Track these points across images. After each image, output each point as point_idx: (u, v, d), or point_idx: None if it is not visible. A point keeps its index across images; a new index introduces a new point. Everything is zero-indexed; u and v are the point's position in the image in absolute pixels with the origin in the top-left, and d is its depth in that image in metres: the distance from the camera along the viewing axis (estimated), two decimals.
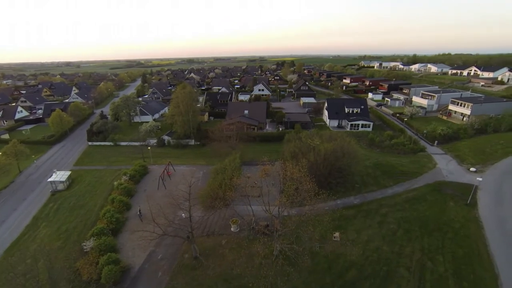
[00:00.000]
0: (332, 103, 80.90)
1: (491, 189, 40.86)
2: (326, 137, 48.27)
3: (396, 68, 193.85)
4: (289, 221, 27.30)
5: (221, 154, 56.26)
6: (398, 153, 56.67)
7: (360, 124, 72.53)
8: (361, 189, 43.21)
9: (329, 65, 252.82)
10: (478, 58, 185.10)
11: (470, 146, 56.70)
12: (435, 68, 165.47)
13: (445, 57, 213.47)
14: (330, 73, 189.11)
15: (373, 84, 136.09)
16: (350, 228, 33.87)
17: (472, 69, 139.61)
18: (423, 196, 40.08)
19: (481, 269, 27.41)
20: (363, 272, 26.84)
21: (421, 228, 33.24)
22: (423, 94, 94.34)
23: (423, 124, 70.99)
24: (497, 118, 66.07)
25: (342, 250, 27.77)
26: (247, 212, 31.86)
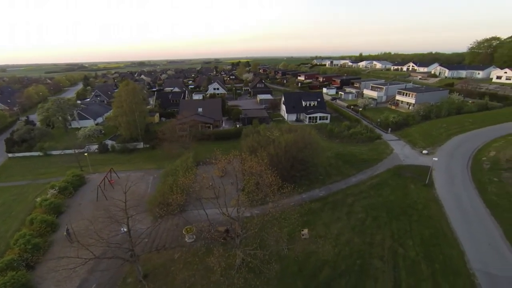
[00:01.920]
0: (289, 97, 79.75)
1: (443, 169, 42.37)
2: (285, 129, 45.78)
3: (346, 65, 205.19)
4: (252, 223, 23.45)
5: (174, 156, 50.38)
6: (357, 142, 57.05)
7: (318, 117, 72.33)
8: (326, 181, 41.47)
9: (284, 64, 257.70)
10: (413, 56, 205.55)
11: (419, 131, 59.75)
12: (380, 64, 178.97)
13: (387, 55, 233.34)
14: (285, 71, 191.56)
15: (327, 80, 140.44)
16: (318, 222, 31.33)
17: (410, 65, 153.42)
18: (386, 181, 39.76)
19: (448, 247, 26.92)
20: (337, 270, 24.19)
21: (388, 214, 32.22)
22: (373, 87, 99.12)
23: (376, 114, 73.63)
24: (437, 105, 71.44)
25: (313, 248, 24.84)
26: (204, 217, 27.21)
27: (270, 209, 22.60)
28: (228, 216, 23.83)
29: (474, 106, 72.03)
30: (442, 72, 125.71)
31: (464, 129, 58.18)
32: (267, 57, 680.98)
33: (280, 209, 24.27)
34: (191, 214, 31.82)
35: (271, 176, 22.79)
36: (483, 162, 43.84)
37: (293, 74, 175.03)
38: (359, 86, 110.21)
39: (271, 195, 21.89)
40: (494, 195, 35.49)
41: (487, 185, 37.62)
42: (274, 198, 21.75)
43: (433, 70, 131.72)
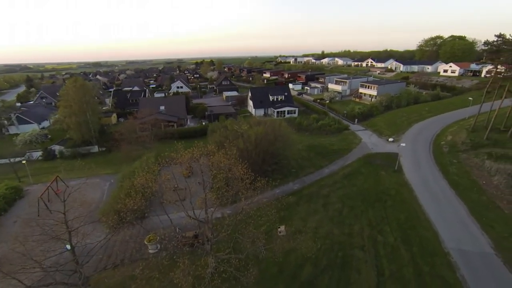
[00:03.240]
0: (256, 92, 77.92)
1: (408, 154, 43.56)
2: (254, 122, 43.52)
3: (310, 62, 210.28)
4: (223, 225, 20.74)
5: (134, 158, 45.42)
6: (326, 134, 57.07)
7: (286, 111, 71.48)
8: (299, 173, 40.10)
9: (249, 62, 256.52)
10: (371, 53, 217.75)
11: (383, 120, 61.74)
12: (341, 61, 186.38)
13: (347, 53, 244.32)
14: (251, 69, 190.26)
15: (292, 76, 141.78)
16: (295, 217, 29.57)
17: (369, 61, 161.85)
18: (358, 170, 39.56)
19: (423, 230, 26.93)
20: (319, 265, 22.51)
21: (364, 202, 31.64)
22: (337, 81, 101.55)
23: (341, 106, 75.05)
24: (397, 96, 75.01)
25: (292, 245, 22.79)
26: (170, 223, 23.84)
27: (243, 207, 20.03)
28: (196, 219, 20.84)
29: (428, 96, 77.06)
30: (398, 67, 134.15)
31: (423, 117, 61.40)
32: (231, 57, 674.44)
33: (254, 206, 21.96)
34: (154, 220, 28.10)
35: (241, 168, 20.23)
36: (443, 146, 46.06)
37: (259, 71, 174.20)
38: (324, 81, 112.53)
39: (243, 191, 19.33)
40: (455, 175, 37.06)
41: (448, 167, 39.27)
42: (246, 193, 19.21)
43: (390, 65, 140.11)
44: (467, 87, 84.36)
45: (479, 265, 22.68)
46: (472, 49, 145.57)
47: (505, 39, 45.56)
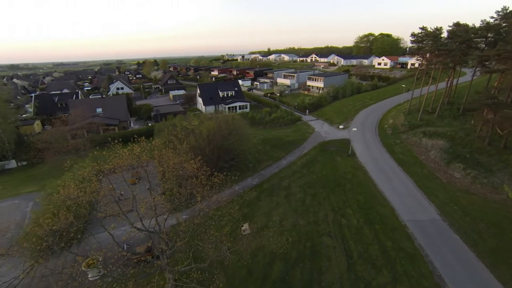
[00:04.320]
0: (205, 88, 74.36)
1: (358, 139, 45.63)
2: (205, 118, 40.65)
3: (257, 59, 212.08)
4: (180, 232, 17.84)
5: (66, 169, 38.25)
6: (280, 126, 56.96)
7: (237, 106, 69.63)
8: (257, 168, 38.62)
9: (195, 60, 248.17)
10: (314, 49, 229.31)
11: (332, 110, 64.36)
12: (287, 57, 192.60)
13: (292, 49, 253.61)
14: (198, 68, 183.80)
15: (241, 73, 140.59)
16: (258, 213, 27.84)
17: (313, 56, 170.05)
18: (315, 158, 39.76)
19: (381, 207, 27.83)
20: (289, 260, 21.14)
21: (324, 188, 31.55)
22: (285, 75, 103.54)
23: (292, 99, 76.31)
24: (342, 87, 79.35)
25: (258, 243, 21.00)
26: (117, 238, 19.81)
27: (200, 209, 17.39)
28: (145, 231, 17.48)
29: (369, 86, 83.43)
30: (339, 61, 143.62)
31: (366, 105, 65.80)
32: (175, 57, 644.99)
33: (213, 206, 19.54)
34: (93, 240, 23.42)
35: (194, 163, 17.57)
36: (386, 129, 49.56)
37: (206, 69, 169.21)
38: (273, 76, 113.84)
39: (199, 189, 16.69)
40: (400, 154, 39.88)
41: (393, 147, 42.15)
42: (203, 191, 16.61)
43: (332, 60, 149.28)
44: (398, 77, 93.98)
45: (431, 231, 24.16)
46: (397, 45, 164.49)
47: (427, 31, 50.94)
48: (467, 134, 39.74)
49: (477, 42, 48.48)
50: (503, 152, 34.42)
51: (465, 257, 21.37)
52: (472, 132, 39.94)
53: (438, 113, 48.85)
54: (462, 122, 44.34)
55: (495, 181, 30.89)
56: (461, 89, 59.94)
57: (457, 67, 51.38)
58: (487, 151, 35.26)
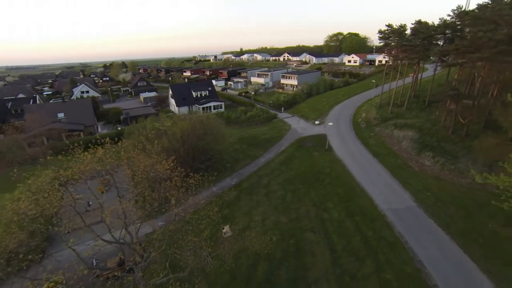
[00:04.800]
0: (177, 89, 71.79)
1: (334, 134, 46.35)
2: (178, 118, 38.90)
3: (230, 59, 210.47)
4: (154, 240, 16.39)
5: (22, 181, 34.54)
6: (256, 124, 56.44)
7: (212, 106, 68.01)
8: (235, 167, 37.64)
9: (166, 62, 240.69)
10: (286, 48, 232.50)
11: (307, 106, 65.11)
12: (260, 56, 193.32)
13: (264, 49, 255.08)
14: (169, 69, 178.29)
15: (214, 73, 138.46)
16: (238, 213, 26.91)
17: (286, 55, 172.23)
18: (293, 154, 39.64)
19: (360, 199, 28.19)
20: (273, 260, 20.48)
21: (304, 184, 31.39)
22: (259, 74, 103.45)
23: (267, 97, 76.15)
24: (315, 84, 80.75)
25: (240, 244, 20.06)
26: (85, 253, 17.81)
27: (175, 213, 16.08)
28: (115, 243, 15.84)
29: (341, 82, 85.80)
30: (311, 59, 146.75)
31: (339, 100, 67.39)
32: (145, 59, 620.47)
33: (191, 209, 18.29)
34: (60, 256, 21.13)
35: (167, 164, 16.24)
36: (360, 122, 50.94)
37: (178, 70, 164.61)
38: (246, 75, 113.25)
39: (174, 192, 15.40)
40: (374, 146, 41.04)
41: (368, 140, 43.32)
42: (177, 194, 15.34)
43: (304, 58, 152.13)
44: (368, 73, 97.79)
45: (408, 218, 24.83)
46: (365, 43, 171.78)
47: (393, 28, 53.15)
48: (433, 124, 41.84)
49: (437, 38, 51.45)
50: (465, 139, 36.54)
51: (440, 240, 22.14)
52: (438, 122, 42.12)
53: (406, 106, 51.14)
54: (428, 114, 46.70)
55: (460, 166, 32.66)
56: (425, 83, 63.37)
57: (421, 62, 54.25)
58: (451, 139, 37.28)
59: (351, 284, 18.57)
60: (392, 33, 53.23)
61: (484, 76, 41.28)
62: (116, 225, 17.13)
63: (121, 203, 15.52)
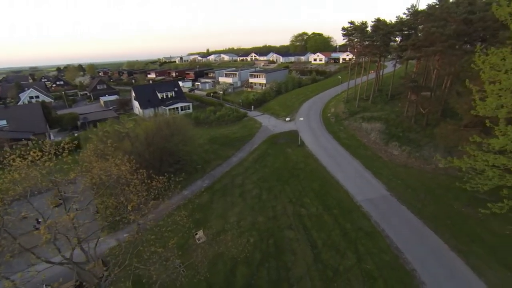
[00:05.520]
0: (141, 90, 67.57)
1: (305, 129, 46.45)
2: (142, 120, 36.09)
3: (196, 60, 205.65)
4: (117, 255, 14.21)
5: None
6: (226, 124, 54.89)
7: (179, 107, 64.99)
8: (206, 169, 35.77)
9: (128, 64, 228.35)
10: (253, 49, 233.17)
11: (277, 104, 65.00)
12: (227, 57, 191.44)
13: (231, 50, 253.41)
14: (132, 71, 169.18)
15: (180, 75, 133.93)
16: (212, 216, 25.23)
17: (253, 55, 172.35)
18: (266, 152, 38.76)
19: (336, 191, 28.07)
20: (253, 263, 19.18)
21: (279, 181, 30.58)
22: (227, 74, 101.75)
23: (236, 97, 74.87)
24: (284, 82, 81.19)
25: (216, 250, 18.50)
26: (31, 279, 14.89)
27: (138, 223, 14.07)
28: (65, 263, 13.42)
29: (308, 80, 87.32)
30: (278, 58, 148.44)
31: (308, 97, 68.26)
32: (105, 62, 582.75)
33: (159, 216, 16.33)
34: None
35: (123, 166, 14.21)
36: (330, 117, 51.79)
37: (142, 72, 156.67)
38: (214, 76, 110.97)
39: (134, 197, 13.41)
40: (345, 139, 41.73)
41: (338, 133, 44.00)
42: (139, 199, 13.37)
43: (271, 57, 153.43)
44: (333, 71, 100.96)
45: (383, 207, 25.14)
46: (329, 42, 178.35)
47: (355, 25, 54.95)
48: (397, 116, 43.71)
49: (396, 34, 54.27)
50: (426, 128, 38.56)
51: (413, 226, 22.59)
52: (401, 114, 44.09)
53: (372, 100, 53.11)
54: (392, 106, 48.83)
55: (424, 154, 34.25)
56: (386, 79, 66.53)
57: (382, 58, 56.87)
58: (414, 129, 39.14)
59: (334, 279, 17.97)
60: (354, 30, 55.02)
61: (438, 68, 44.13)
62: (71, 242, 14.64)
63: (70, 216, 13.13)
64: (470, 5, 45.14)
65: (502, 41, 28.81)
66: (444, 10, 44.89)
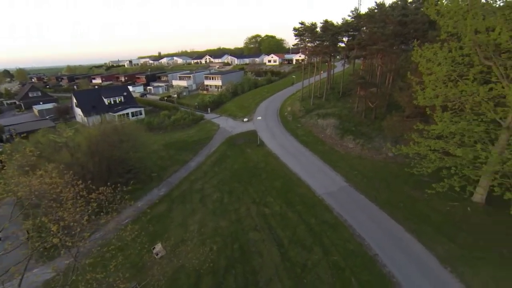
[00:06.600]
0: (84, 96, 60.95)
1: (264, 129, 46.42)
2: (84, 127, 32.11)
3: (147, 63, 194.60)
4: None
5: None
6: (182, 128, 52.31)
7: (130, 113, 60.11)
8: (162, 176, 33.26)
9: (68, 69, 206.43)
10: (207, 51, 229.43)
11: (234, 105, 64.20)
12: (181, 60, 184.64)
13: (184, 53, 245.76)
14: (74, 76, 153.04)
15: (130, 79, 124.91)
16: (171, 226, 23.20)
17: (207, 58, 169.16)
18: (225, 154, 37.57)
19: (298, 188, 28.14)
20: (218, 271, 17.83)
21: (241, 182, 29.65)
22: (181, 77, 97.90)
23: (191, 100, 72.39)
24: (240, 83, 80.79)
25: (176, 264, 16.71)
26: None
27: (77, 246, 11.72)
28: None
29: (264, 80, 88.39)
30: (233, 60, 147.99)
31: (264, 97, 68.78)
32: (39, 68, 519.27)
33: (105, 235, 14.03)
34: None
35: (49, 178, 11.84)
36: (287, 116, 52.63)
37: (85, 77, 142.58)
38: (167, 79, 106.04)
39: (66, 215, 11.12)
40: (303, 136, 42.63)
41: (296, 131, 44.80)
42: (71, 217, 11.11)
43: (226, 60, 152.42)
44: (287, 71, 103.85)
45: (343, 198, 25.85)
46: (281, 45, 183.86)
47: (305, 26, 56.97)
48: (349, 111, 46.18)
49: (343, 35, 57.69)
50: (375, 121, 41.31)
51: (372, 212, 23.58)
52: (352, 109, 46.70)
53: (325, 97, 55.46)
54: (344, 102, 51.54)
55: (375, 145, 36.53)
56: (337, 77, 70.44)
57: (332, 58, 59.94)
58: (364, 122, 41.67)
59: (303, 275, 17.61)
60: (305, 30, 56.97)
61: (382, 65, 47.84)
62: None
63: None
64: (403, 9, 50.12)
65: (432, 39, 32.24)
66: (383, 13, 49.00)
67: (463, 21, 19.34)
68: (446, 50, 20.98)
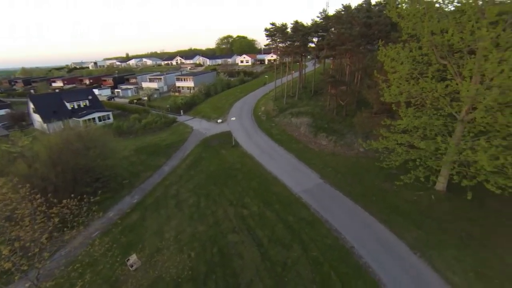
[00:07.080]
0: (42, 101, 56.29)
1: (238, 129, 46.20)
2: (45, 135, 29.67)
3: (114, 65, 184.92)
4: None
5: None
6: (154, 131, 50.35)
7: (96, 117, 56.66)
8: (134, 182, 31.72)
9: (23, 71, 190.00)
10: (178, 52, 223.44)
11: (207, 106, 63.19)
12: (150, 61, 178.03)
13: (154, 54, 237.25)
14: (30, 79, 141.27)
15: (95, 82, 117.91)
16: (146, 235, 22.14)
17: (178, 59, 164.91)
18: (200, 156, 36.78)
19: (275, 187, 28.30)
20: (198, 278, 17.26)
21: (217, 185, 29.16)
22: (151, 79, 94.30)
23: (163, 102, 69.95)
24: (212, 84, 79.70)
25: (153, 275, 15.98)
26: None
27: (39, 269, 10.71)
28: None
29: (236, 81, 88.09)
30: (205, 61, 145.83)
31: (238, 97, 68.51)
32: None
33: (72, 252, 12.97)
34: None
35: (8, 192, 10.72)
36: (261, 115, 52.85)
37: (44, 80, 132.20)
38: (137, 81, 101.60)
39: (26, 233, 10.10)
40: (278, 135, 43.05)
41: (270, 130, 45.13)
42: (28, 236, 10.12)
43: (197, 60, 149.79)
44: (260, 71, 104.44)
45: (319, 194, 26.43)
46: (253, 45, 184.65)
47: (276, 26, 57.64)
48: (321, 109, 47.49)
49: (313, 35, 59.20)
50: (346, 118, 42.92)
51: (348, 207, 24.38)
52: (324, 107, 48.11)
53: (298, 96, 56.55)
54: (316, 101, 52.93)
55: (347, 141, 37.91)
56: (308, 77, 72.15)
57: (303, 58, 61.25)
58: (336, 120, 43.09)
59: (284, 274, 17.71)
60: (276, 30, 57.64)
61: (350, 65, 49.84)
62: None
63: None
64: (368, 12, 52.64)
65: (395, 40, 34.16)
66: (349, 15, 51.07)
67: (420, 23, 20.72)
68: (408, 50, 22.36)
